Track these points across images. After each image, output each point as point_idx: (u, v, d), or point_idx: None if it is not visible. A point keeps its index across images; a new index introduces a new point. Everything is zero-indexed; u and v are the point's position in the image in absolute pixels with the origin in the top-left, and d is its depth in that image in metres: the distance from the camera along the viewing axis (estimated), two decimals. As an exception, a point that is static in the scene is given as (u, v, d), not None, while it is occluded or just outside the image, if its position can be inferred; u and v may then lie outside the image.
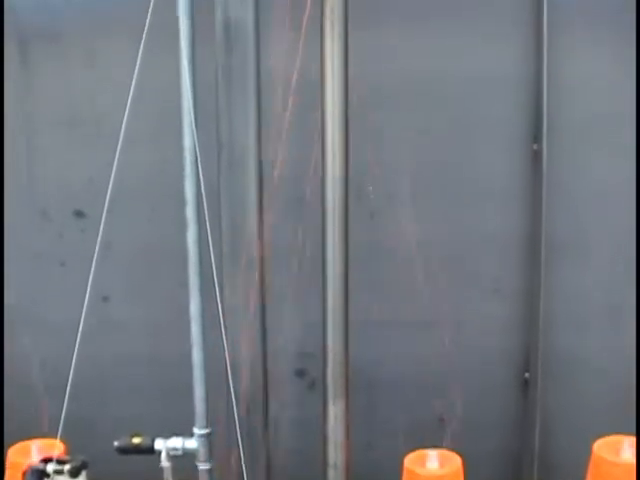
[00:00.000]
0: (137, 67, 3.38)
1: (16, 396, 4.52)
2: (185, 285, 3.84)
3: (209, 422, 3.98)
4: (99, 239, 3.49)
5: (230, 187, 4.01)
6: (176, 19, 3.55)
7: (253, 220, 4.08)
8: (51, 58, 4.47)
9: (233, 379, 3.77)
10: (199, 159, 3.56)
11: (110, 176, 3.59)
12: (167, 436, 3.88)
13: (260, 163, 4.05)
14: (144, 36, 3.47)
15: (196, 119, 3.70)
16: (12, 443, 4.01)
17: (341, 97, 3.85)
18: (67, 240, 4.55)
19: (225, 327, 3.65)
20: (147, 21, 3.41)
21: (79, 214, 4.52)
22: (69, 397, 3.50)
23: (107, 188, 3.50)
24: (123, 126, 3.40)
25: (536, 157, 4.46)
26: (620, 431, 3.89)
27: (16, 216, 4.46)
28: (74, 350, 3.48)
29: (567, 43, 4.33)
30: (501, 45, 4.38)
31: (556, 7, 4.26)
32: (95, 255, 3.50)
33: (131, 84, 3.50)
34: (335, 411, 3.91)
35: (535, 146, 4.46)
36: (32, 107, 4.52)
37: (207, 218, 3.56)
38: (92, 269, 3.47)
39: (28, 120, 4.52)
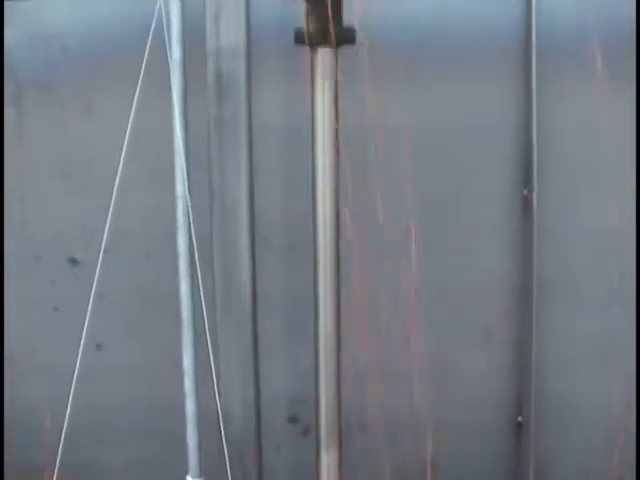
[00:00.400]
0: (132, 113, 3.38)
1: (13, 442, 4.51)
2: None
3: (202, 470, 3.98)
4: (94, 285, 3.49)
5: (222, 237, 4.04)
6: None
7: (245, 269, 4.10)
8: (46, 107, 4.47)
9: (226, 426, 3.78)
10: (190, 210, 3.57)
11: (104, 223, 3.61)
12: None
13: (252, 213, 4.07)
14: (139, 83, 3.49)
15: (188, 169, 3.70)
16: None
17: (331, 146, 3.88)
18: (60, 286, 4.54)
19: (218, 376, 3.66)
20: (142, 69, 3.42)
21: (73, 261, 4.53)
22: (65, 443, 3.49)
23: (101, 234, 3.50)
24: (119, 171, 3.42)
25: (526, 202, 4.46)
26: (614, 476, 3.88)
27: (9, 261, 4.45)
28: (68, 396, 3.48)
29: (556, 90, 4.37)
30: (491, 93, 4.43)
31: (545, 55, 4.30)
32: (90, 301, 3.51)
33: (126, 131, 3.46)
34: (328, 461, 3.91)
35: (525, 191, 4.47)
36: (26, 155, 4.50)
37: (199, 270, 3.57)
38: (87, 316, 3.48)
39: (22, 168, 4.51)
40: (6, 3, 4.12)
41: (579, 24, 4.16)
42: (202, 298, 3.40)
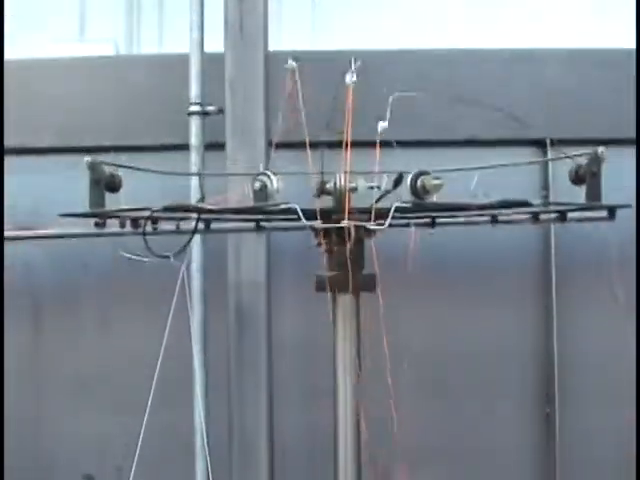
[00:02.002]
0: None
1: None
2: None
3: None
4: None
5: (241, 471, 3.97)
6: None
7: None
8: (64, 321, 4.44)
9: None
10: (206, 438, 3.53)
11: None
12: None
13: (271, 444, 4.02)
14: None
15: (207, 399, 3.62)
16: None
17: (352, 362, 3.84)
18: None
19: None
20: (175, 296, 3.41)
21: (88, 478, 4.47)
22: None
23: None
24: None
25: (548, 420, 4.46)
26: None
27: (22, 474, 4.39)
28: None
29: (575, 313, 4.44)
30: (513, 315, 4.50)
31: (563, 282, 4.41)
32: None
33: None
34: None
35: (547, 409, 4.48)
36: (42, 369, 4.47)
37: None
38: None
39: (37, 382, 4.48)
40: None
41: (595, 256, 4.18)
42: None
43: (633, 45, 4.25)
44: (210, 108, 3.98)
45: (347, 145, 2.39)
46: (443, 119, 4.28)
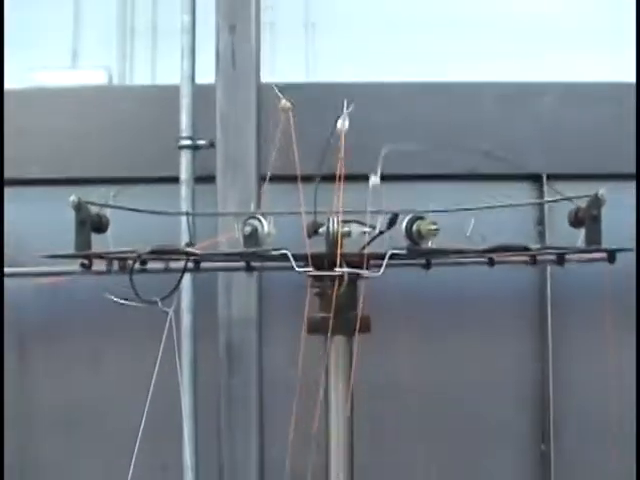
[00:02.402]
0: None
1: None
2: None
3: None
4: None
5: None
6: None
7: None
8: (51, 357, 4.36)
9: None
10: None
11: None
12: None
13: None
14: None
15: (196, 436, 3.53)
16: None
17: (345, 403, 3.76)
18: None
19: None
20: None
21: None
22: None
23: None
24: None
25: (543, 457, 4.44)
26: None
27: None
28: None
29: (572, 346, 4.40)
30: (508, 349, 4.48)
31: (559, 315, 4.37)
32: None
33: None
34: None
35: (543, 446, 4.45)
36: (29, 406, 4.39)
37: None
38: None
39: (24, 419, 4.41)
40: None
41: (590, 291, 4.12)
42: None
43: (632, 78, 4.21)
44: (201, 142, 3.91)
45: (340, 191, 2.31)
46: (439, 153, 4.22)
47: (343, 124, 2.40)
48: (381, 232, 2.55)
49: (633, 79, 4.18)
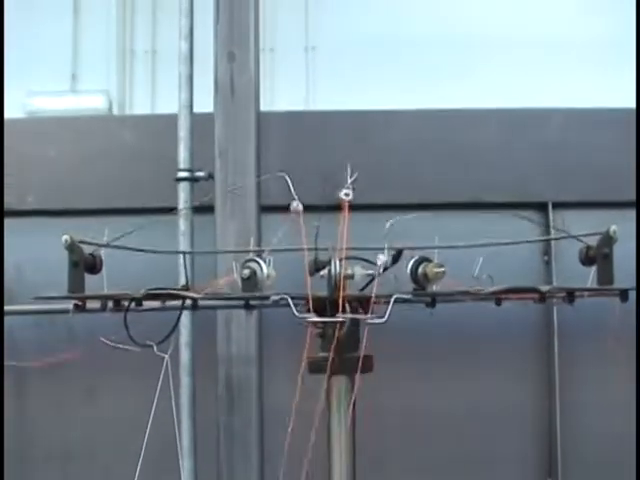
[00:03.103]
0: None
1: None
2: None
3: None
4: None
5: None
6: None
7: None
8: (49, 390, 4.30)
9: None
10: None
11: None
12: None
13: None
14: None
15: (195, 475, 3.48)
16: None
17: (347, 442, 3.66)
18: None
19: None
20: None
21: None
22: None
23: None
24: None
25: (552, 489, 4.30)
26: None
27: None
28: None
29: (579, 378, 4.34)
30: (513, 380, 4.39)
31: (566, 342, 4.30)
32: None
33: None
34: None
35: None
36: (26, 440, 4.31)
37: None
38: None
39: (22, 453, 4.33)
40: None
41: (597, 323, 4.05)
42: None
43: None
44: (199, 174, 3.82)
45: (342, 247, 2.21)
46: (443, 182, 4.14)
47: (347, 193, 2.30)
48: (386, 267, 2.45)
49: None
